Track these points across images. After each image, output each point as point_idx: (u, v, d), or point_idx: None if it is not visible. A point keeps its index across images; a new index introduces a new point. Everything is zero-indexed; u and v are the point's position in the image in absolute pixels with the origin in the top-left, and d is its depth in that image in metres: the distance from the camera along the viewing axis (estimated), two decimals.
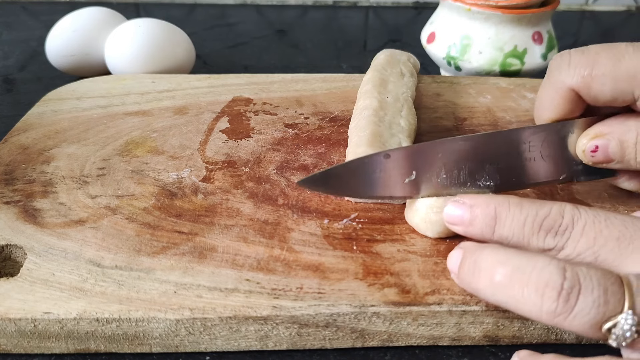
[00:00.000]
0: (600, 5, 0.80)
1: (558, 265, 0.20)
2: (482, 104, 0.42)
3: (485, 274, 0.22)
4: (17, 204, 0.30)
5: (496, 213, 0.24)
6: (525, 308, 0.21)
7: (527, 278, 0.21)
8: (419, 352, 0.26)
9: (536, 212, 0.24)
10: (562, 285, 0.20)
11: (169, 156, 0.35)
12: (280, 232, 0.29)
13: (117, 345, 0.25)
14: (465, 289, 0.24)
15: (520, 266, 0.21)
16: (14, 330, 0.24)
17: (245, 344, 0.25)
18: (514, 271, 0.21)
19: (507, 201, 0.24)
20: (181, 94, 0.42)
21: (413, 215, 0.28)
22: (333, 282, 0.26)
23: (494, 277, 0.22)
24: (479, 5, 0.45)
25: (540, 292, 0.20)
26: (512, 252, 0.22)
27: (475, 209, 0.25)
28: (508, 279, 0.21)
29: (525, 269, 0.21)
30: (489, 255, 0.22)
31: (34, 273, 0.26)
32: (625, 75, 0.25)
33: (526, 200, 0.24)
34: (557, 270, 0.20)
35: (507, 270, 0.21)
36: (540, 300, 0.20)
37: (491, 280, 0.22)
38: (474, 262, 0.23)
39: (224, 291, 0.25)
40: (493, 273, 0.22)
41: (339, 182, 0.28)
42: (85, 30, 0.48)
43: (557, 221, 0.23)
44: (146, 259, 0.27)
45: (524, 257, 0.21)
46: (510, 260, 0.21)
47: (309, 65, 0.59)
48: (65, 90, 0.43)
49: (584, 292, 0.20)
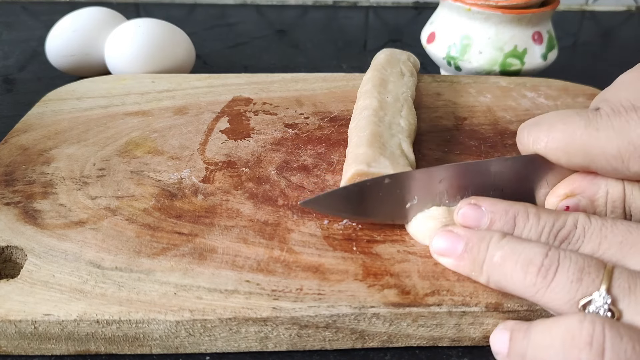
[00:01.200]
0: (600, 5, 0.80)
1: (543, 247, 0.23)
2: (482, 104, 0.42)
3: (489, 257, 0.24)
4: (17, 205, 0.30)
5: (515, 221, 0.25)
6: (512, 284, 0.23)
7: (517, 256, 0.23)
8: (419, 353, 0.26)
9: (553, 223, 0.25)
10: (542, 262, 0.22)
11: (168, 157, 0.35)
12: (280, 233, 0.29)
13: (117, 347, 0.25)
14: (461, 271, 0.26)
15: (515, 247, 0.24)
16: (14, 331, 0.24)
17: (245, 345, 0.25)
18: (508, 252, 0.24)
19: (526, 210, 0.25)
20: (181, 94, 0.42)
21: (411, 224, 0.28)
22: (333, 283, 0.26)
23: (492, 258, 0.24)
24: (479, 5, 0.45)
25: (525, 269, 0.23)
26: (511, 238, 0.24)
27: (494, 215, 0.26)
28: (503, 260, 0.24)
29: (517, 248, 0.23)
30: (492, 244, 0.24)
31: (34, 275, 0.26)
32: (579, 152, 0.25)
33: (543, 210, 0.26)
34: (541, 250, 0.23)
35: (504, 252, 0.24)
36: (524, 276, 0.23)
37: (490, 260, 0.24)
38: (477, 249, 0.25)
39: (224, 292, 0.25)
40: (492, 255, 0.24)
41: (341, 204, 0.28)
42: (85, 30, 0.48)
43: (572, 232, 0.24)
44: (146, 260, 0.27)
45: (521, 242, 0.24)
46: (508, 243, 0.24)
47: (309, 65, 0.59)
48: (65, 90, 0.43)
49: (561, 269, 0.22)
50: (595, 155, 0.25)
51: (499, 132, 0.39)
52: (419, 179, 0.27)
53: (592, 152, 0.25)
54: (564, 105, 0.42)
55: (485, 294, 0.25)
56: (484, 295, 0.25)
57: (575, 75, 0.49)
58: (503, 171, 0.28)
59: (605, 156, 0.25)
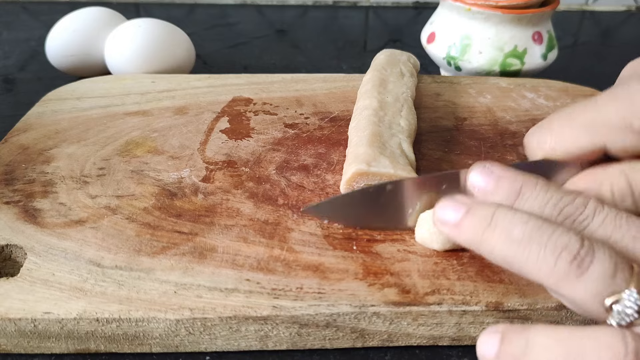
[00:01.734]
0: (600, 5, 0.80)
1: (577, 233, 0.21)
2: (482, 104, 0.42)
3: (501, 229, 0.22)
4: (17, 204, 0.30)
5: (521, 189, 0.24)
6: (534, 267, 0.21)
7: (547, 239, 0.21)
8: (419, 352, 0.26)
9: (560, 197, 0.24)
10: (579, 251, 0.21)
11: (169, 156, 0.35)
12: (280, 232, 0.29)
13: (117, 345, 0.25)
14: (463, 240, 0.24)
15: (542, 227, 0.22)
16: (14, 330, 0.24)
17: (245, 344, 0.25)
18: (535, 229, 0.22)
19: (535, 181, 0.24)
20: (181, 94, 0.42)
21: (418, 228, 0.28)
22: (333, 282, 0.26)
23: (512, 232, 0.22)
24: (479, 5, 0.45)
25: (556, 254, 0.21)
26: (532, 215, 0.22)
27: (502, 181, 0.24)
28: (527, 237, 0.21)
29: (546, 230, 0.21)
30: (508, 212, 0.23)
31: (34, 273, 0.26)
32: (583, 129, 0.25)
33: (553, 185, 0.24)
34: (577, 237, 0.21)
35: (527, 229, 0.22)
36: (554, 261, 0.21)
37: (508, 236, 0.22)
38: (487, 217, 0.23)
39: (224, 291, 0.25)
40: (511, 229, 0.22)
41: (343, 211, 0.28)
42: (85, 30, 0.48)
43: (579, 209, 0.23)
44: (146, 259, 0.27)
45: (545, 221, 0.22)
46: (532, 219, 0.22)
47: (309, 65, 0.59)
48: (65, 90, 0.43)
49: (596, 261, 0.20)
50: (599, 126, 0.24)
51: (498, 133, 0.39)
52: (421, 185, 0.27)
53: (595, 124, 0.24)
54: (563, 106, 0.42)
55: (485, 293, 0.25)
56: (485, 294, 0.25)
57: (575, 75, 0.49)
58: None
59: (610, 121, 0.24)
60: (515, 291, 0.25)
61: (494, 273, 0.26)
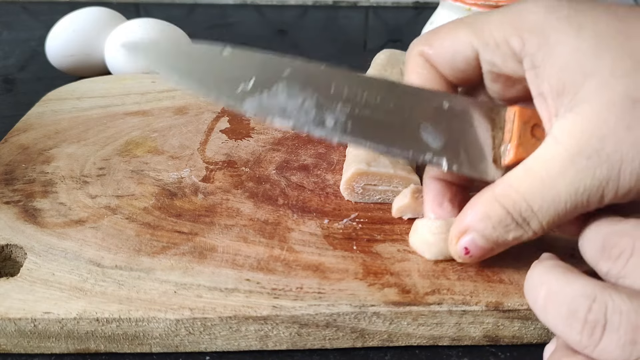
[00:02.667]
0: None
1: (588, 293, 0.19)
2: None
3: (532, 294, 0.21)
4: (17, 204, 0.30)
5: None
6: (560, 334, 0.20)
7: (559, 304, 0.20)
8: (419, 352, 0.26)
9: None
10: (586, 318, 0.19)
11: (169, 156, 0.35)
12: (280, 232, 0.29)
13: (117, 345, 0.25)
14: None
15: (556, 290, 0.20)
16: (14, 330, 0.24)
17: (245, 343, 0.25)
18: (548, 295, 0.20)
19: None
20: (181, 94, 0.42)
21: (412, 235, 0.28)
22: (333, 282, 0.26)
23: (537, 298, 0.21)
24: (479, 5, 0.45)
25: (568, 322, 0.19)
26: (553, 273, 0.21)
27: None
28: (544, 303, 0.20)
29: (559, 294, 0.20)
30: (536, 272, 0.21)
31: (34, 273, 0.26)
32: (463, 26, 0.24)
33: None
34: (585, 300, 0.19)
35: (544, 293, 0.20)
36: (569, 330, 0.19)
37: (535, 301, 0.21)
38: (529, 276, 0.22)
39: (224, 291, 0.25)
40: (537, 294, 0.21)
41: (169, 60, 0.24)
42: (85, 30, 0.48)
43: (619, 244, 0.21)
44: (146, 258, 0.27)
45: (561, 280, 0.20)
46: (549, 282, 0.20)
47: None
48: (65, 90, 0.43)
49: (609, 328, 0.18)
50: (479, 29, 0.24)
51: None
52: (260, 60, 0.24)
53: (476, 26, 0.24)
54: None
55: (485, 292, 0.25)
56: (485, 294, 0.25)
57: None
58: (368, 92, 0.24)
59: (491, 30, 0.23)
60: (515, 291, 0.25)
61: (494, 273, 0.26)
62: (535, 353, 0.26)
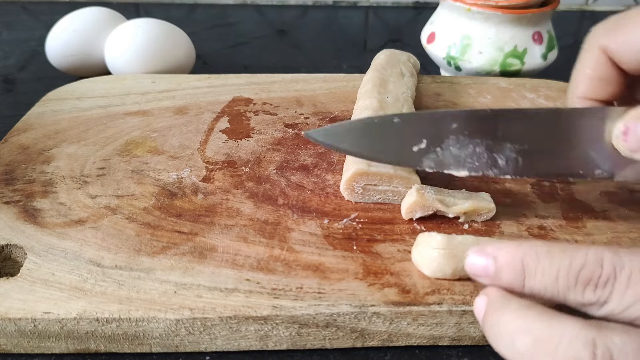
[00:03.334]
0: (600, 5, 0.80)
1: (586, 339, 0.18)
2: (482, 104, 0.42)
3: (507, 339, 0.20)
4: (17, 204, 0.30)
5: (524, 265, 0.21)
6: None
7: (553, 353, 0.18)
8: (419, 352, 0.26)
9: (570, 262, 0.20)
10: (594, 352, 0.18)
11: (169, 156, 0.35)
12: (280, 232, 0.29)
13: (117, 345, 0.25)
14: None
15: (543, 337, 0.19)
16: (14, 330, 0.24)
17: (245, 343, 0.25)
18: (536, 342, 0.19)
19: (535, 250, 0.21)
20: (181, 94, 0.42)
21: (413, 250, 0.27)
22: (333, 282, 0.26)
23: (515, 345, 0.19)
24: (479, 5, 0.45)
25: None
26: (534, 318, 0.19)
27: (499, 260, 0.21)
28: (531, 351, 0.19)
29: (550, 341, 0.18)
30: (509, 319, 0.20)
31: (34, 273, 0.26)
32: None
33: (557, 247, 0.21)
34: (586, 345, 0.18)
35: (529, 341, 0.19)
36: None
37: (513, 348, 0.19)
38: (496, 323, 0.20)
39: (224, 291, 0.25)
40: (514, 341, 0.19)
41: (346, 138, 0.26)
42: (85, 30, 0.48)
43: (596, 271, 0.20)
44: (146, 259, 0.27)
45: (548, 325, 0.19)
46: (532, 328, 0.19)
47: (309, 65, 0.59)
48: (65, 90, 0.43)
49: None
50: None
51: None
52: (428, 120, 0.25)
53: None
54: (563, 106, 0.42)
55: None
56: None
57: None
58: (526, 124, 0.24)
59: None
60: None
61: None
62: None
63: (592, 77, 0.27)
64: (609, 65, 0.26)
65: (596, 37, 0.27)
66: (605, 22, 0.27)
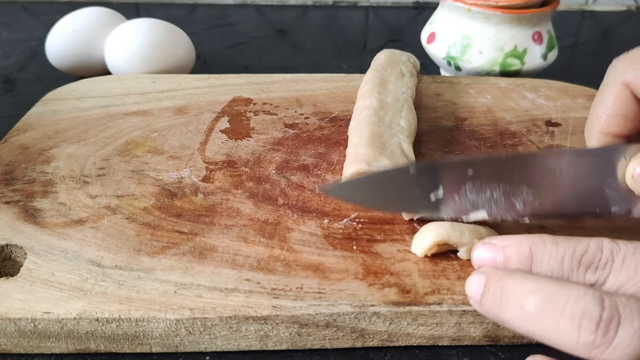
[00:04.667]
0: (600, 5, 0.80)
1: (594, 295, 0.19)
2: (482, 104, 0.42)
3: (514, 303, 0.21)
4: (17, 204, 0.30)
5: (531, 252, 0.22)
6: (559, 340, 0.20)
7: (562, 308, 0.19)
8: (419, 352, 0.26)
9: (574, 248, 0.22)
10: (601, 316, 0.19)
11: (169, 156, 0.35)
12: (280, 232, 0.29)
13: (117, 345, 0.25)
14: (488, 317, 0.22)
15: (554, 295, 0.20)
16: (14, 330, 0.24)
17: (245, 343, 0.25)
18: (546, 301, 0.20)
19: (542, 239, 0.23)
20: (181, 94, 0.42)
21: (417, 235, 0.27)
22: (333, 282, 0.26)
23: (524, 306, 0.20)
24: (479, 5, 0.45)
25: (576, 324, 0.19)
26: (542, 280, 0.21)
27: (508, 250, 0.23)
28: (540, 310, 0.20)
29: (559, 299, 0.20)
30: (517, 282, 0.21)
31: (34, 273, 0.26)
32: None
33: (561, 238, 0.23)
34: (595, 300, 0.19)
35: (538, 300, 0.20)
36: (577, 332, 0.19)
37: (521, 310, 0.20)
38: (500, 291, 0.21)
39: (224, 291, 0.25)
40: (523, 302, 0.20)
41: (363, 192, 0.26)
42: (85, 30, 0.48)
43: (597, 256, 0.22)
44: (146, 258, 0.27)
45: (557, 286, 0.20)
46: (542, 288, 0.20)
47: (309, 65, 0.59)
48: (65, 90, 0.43)
49: (624, 322, 0.18)
50: None
51: (498, 133, 0.39)
52: (444, 168, 0.25)
53: None
54: (563, 106, 0.42)
55: None
56: None
57: (575, 75, 0.49)
58: (538, 167, 0.25)
59: None
60: None
61: None
62: (535, 353, 0.26)
63: (613, 112, 0.27)
64: (631, 101, 0.26)
65: (619, 71, 0.26)
66: (627, 55, 0.26)
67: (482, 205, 0.26)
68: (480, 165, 0.25)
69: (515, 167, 0.25)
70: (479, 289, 0.22)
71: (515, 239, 0.23)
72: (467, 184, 0.25)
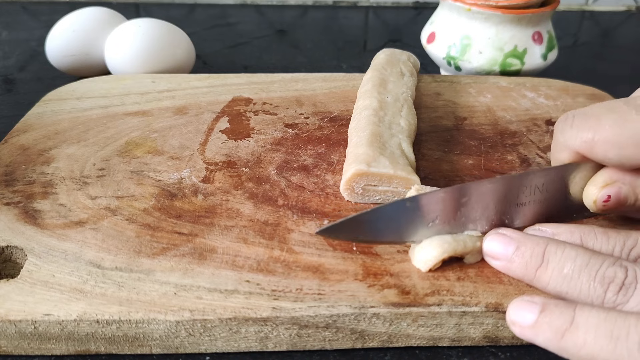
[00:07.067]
0: (600, 5, 0.80)
1: (621, 264, 0.23)
2: (482, 104, 0.42)
3: (553, 266, 0.24)
4: (17, 205, 0.30)
5: (582, 242, 0.25)
6: (586, 298, 0.23)
7: (595, 274, 0.23)
8: (419, 353, 0.26)
9: (624, 241, 0.25)
10: (624, 280, 0.22)
11: (169, 156, 0.35)
12: (280, 233, 0.29)
13: (117, 347, 0.25)
14: (514, 274, 0.25)
15: (590, 263, 0.23)
16: (14, 331, 0.24)
17: (245, 345, 0.25)
18: (583, 267, 0.23)
19: (593, 230, 0.26)
20: (181, 94, 0.42)
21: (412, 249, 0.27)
22: (333, 283, 0.26)
23: (563, 269, 0.24)
24: (479, 5, 0.45)
25: (604, 287, 0.23)
26: (580, 249, 0.24)
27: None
28: (577, 273, 0.23)
29: (594, 266, 0.23)
30: (558, 249, 0.24)
31: (34, 274, 0.26)
32: (630, 141, 0.24)
33: (611, 230, 0.26)
34: (621, 269, 0.23)
35: (577, 266, 0.23)
36: (604, 293, 0.23)
37: (559, 273, 0.24)
38: (538, 255, 0.24)
39: (224, 292, 0.25)
40: (562, 266, 0.24)
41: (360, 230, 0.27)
42: (85, 30, 0.48)
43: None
44: (146, 260, 0.27)
45: (591, 254, 0.24)
46: (580, 255, 0.24)
47: (309, 65, 0.59)
48: (65, 90, 0.43)
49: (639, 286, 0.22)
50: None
51: (498, 132, 0.39)
52: (440, 199, 0.26)
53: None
54: (563, 105, 0.42)
55: (485, 294, 0.25)
56: (484, 295, 0.25)
57: (575, 75, 0.49)
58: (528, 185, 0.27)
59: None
60: (515, 292, 0.25)
61: (493, 274, 0.26)
62: (535, 353, 0.26)
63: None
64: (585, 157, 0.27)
65: (568, 137, 0.26)
66: (574, 120, 0.26)
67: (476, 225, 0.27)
68: (474, 191, 0.26)
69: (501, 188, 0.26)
70: (506, 249, 0.25)
71: (566, 228, 0.26)
72: (462, 209, 0.26)
